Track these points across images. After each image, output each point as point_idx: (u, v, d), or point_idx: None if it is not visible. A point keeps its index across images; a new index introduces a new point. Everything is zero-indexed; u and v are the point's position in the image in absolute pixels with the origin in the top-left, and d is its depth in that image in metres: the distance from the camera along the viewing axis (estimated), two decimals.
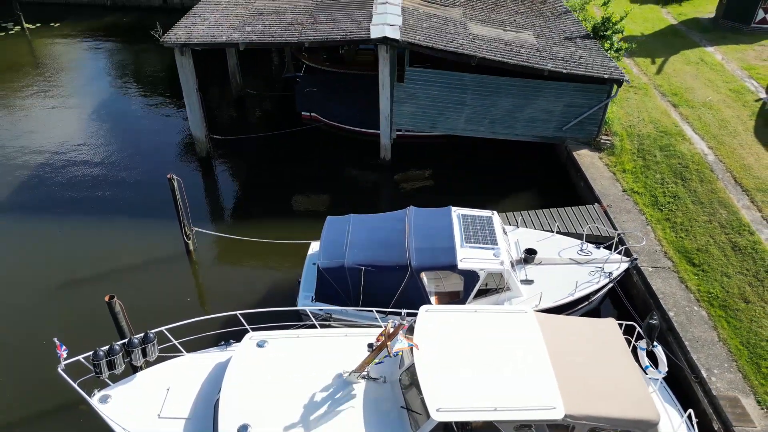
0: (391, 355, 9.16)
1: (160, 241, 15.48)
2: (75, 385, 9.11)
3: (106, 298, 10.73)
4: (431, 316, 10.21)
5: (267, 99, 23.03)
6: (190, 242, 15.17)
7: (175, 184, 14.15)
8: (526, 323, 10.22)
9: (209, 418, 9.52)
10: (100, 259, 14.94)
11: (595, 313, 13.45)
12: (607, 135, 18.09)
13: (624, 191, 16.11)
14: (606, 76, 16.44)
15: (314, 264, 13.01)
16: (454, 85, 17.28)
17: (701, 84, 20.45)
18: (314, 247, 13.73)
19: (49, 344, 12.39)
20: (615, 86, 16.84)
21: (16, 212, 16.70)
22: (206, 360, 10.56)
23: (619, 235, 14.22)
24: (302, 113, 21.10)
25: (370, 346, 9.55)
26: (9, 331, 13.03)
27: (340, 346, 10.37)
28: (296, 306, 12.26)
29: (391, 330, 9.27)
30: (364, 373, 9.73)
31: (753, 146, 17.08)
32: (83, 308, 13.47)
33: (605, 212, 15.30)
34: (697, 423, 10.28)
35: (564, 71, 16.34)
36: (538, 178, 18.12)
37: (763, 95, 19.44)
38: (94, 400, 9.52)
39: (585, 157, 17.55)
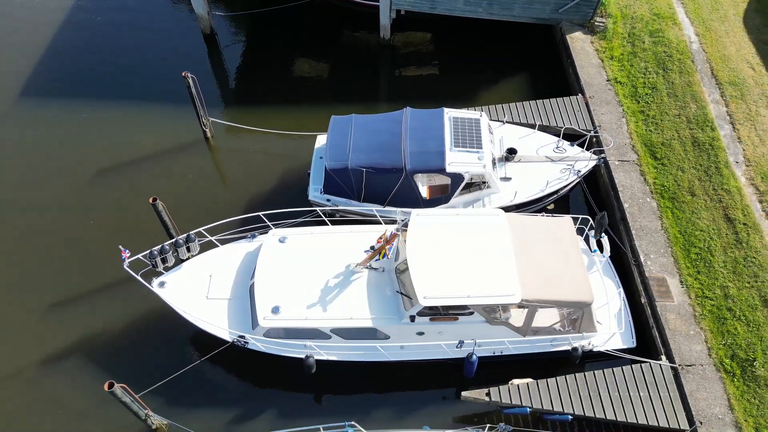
0: (388, 257, 11.55)
1: (179, 128, 16.98)
2: (138, 277, 11.67)
3: (150, 200, 12.79)
4: (421, 219, 12.39)
5: None
6: (207, 130, 16.76)
7: (190, 81, 15.31)
8: (498, 224, 12.44)
9: (246, 298, 12.25)
10: (126, 146, 16.56)
11: (564, 201, 15.61)
12: (602, 16, 18.48)
13: (608, 80, 17.20)
14: None
15: (321, 158, 14.88)
16: None
17: None
18: (320, 140, 15.42)
19: (98, 231, 14.81)
20: None
21: (35, 95, 17.87)
22: (238, 250, 13.03)
23: (594, 132, 15.78)
24: None
25: (372, 247, 11.90)
26: (61, 220, 15.26)
27: (347, 241, 12.73)
28: (308, 197, 14.43)
29: (389, 236, 11.56)
30: (367, 265, 12.23)
31: (738, 34, 17.68)
32: (124, 200, 15.49)
33: (586, 104, 16.60)
34: (628, 299, 13.17)
35: None
36: (532, 61, 18.91)
37: None
38: (155, 287, 12.15)
39: (577, 42, 18.21)
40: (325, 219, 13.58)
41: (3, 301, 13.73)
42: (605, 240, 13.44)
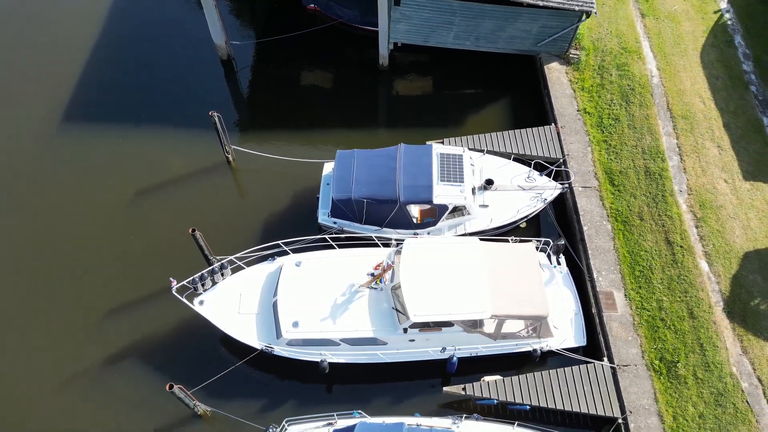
0: (386, 283, 14.40)
1: (204, 153, 19.49)
2: (184, 300, 14.55)
3: (190, 231, 15.51)
4: (412, 247, 15.17)
5: None
6: (229, 156, 19.34)
7: (216, 119, 17.81)
8: (474, 249, 15.23)
9: (270, 313, 15.15)
10: (159, 170, 19.15)
11: (535, 220, 18.32)
12: (576, 49, 20.77)
13: (578, 111, 19.66)
14: (577, 8, 18.72)
15: (328, 184, 17.57)
16: (444, 10, 19.55)
17: None
18: (327, 168, 18.04)
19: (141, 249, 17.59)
20: (585, 14, 19.15)
21: (74, 124, 20.35)
22: (260, 271, 15.86)
23: (560, 163, 18.40)
24: (307, 6, 23.24)
25: (371, 274, 14.74)
26: (103, 237, 17.99)
27: (352, 265, 15.53)
28: (317, 219, 17.16)
29: (386, 266, 14.38)
30: (368, 286, 15.10)
31: (694, 68, 20.03)
32: (161, 221, 18.17)
33: (558, 134, 19.12)
34: (583, 307, 16.11)
35: (540, 4, 18.57)
36: (513, 88, 21.26)
37: (723, 5, 21.41)
38: (196, 305, 15.03)
39: (553, 72, 20.57)
40: (333, 244, 16.35)
41: (63, 310, 16.64)
42: (562, 258, 16.41)
